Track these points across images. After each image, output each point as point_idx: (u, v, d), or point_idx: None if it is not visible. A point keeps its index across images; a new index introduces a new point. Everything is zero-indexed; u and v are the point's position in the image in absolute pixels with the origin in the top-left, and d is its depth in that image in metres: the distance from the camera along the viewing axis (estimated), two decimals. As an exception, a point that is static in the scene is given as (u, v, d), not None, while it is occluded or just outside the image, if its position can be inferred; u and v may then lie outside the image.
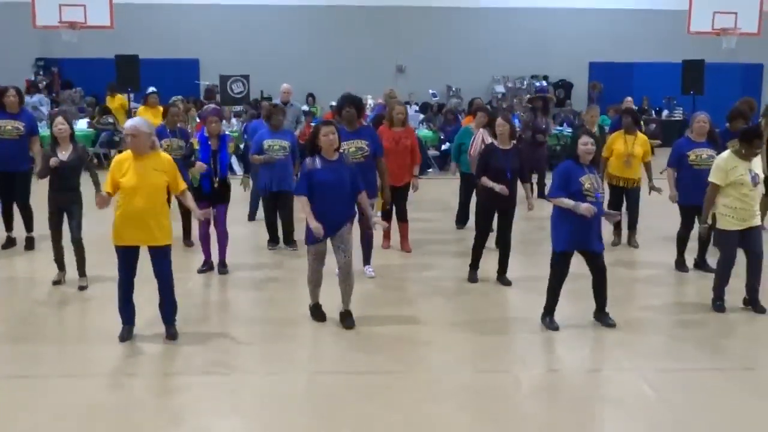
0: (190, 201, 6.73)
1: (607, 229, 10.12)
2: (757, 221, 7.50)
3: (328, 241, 6.99)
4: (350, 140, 8.33)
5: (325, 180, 6.75)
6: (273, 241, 10.08)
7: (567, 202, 6.77)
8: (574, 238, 6.86)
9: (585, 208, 6.69)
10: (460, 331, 7.07)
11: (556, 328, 7.05)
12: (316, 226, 6.71)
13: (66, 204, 8.00)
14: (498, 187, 8.12)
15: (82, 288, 8.16)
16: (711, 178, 7.54)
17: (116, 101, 18.88)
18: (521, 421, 5.41)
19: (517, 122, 16.17)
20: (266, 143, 9.64)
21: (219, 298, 8.35)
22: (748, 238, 7.47)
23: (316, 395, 5.75)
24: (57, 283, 8.29)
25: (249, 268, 9.10)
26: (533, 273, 8.86)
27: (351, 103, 8.48)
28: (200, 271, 8.76)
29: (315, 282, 7.12)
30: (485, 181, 8.23)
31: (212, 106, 9.77)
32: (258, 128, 10.73)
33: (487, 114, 10.60)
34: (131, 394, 5.74)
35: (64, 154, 8.02)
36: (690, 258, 9.09)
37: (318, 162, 6.85)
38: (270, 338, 6.89)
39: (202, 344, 6.67)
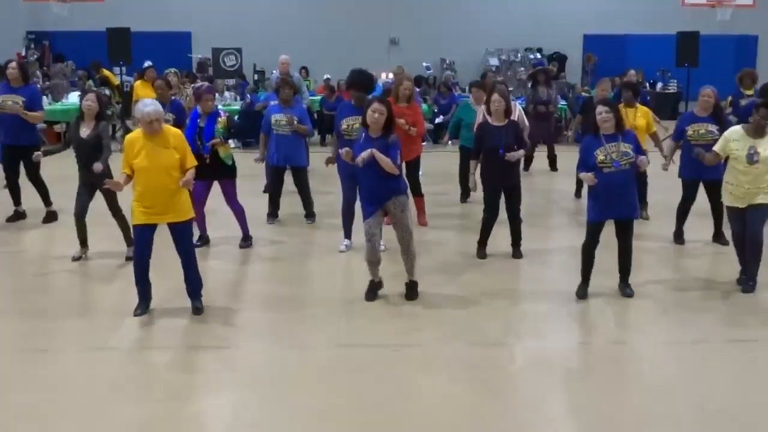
0: (188, 175, 6.66)
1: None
2: (756, 200, 7.24)
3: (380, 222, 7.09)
4: (357, 116, 8.31)
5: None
6: (272, 215, 10.05)
7: (581, 175, 7.02)
8: (602, 208, 6.97)
9: (586, 178, 6.88)
10: (455, 305, 7.09)
11: (582, 297, 7.13)
12: (345, 151, 6.80)
13: (96, 180, 7.91)
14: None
15: (129, 258, 7.98)
16: (714, 146, 7.54)
17: (110, 77, 18.76)
18: (514, 393, 5.44)
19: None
20: (274, 118, 9.61)
21: (214, 273, 8.33)
22: (747, 216, 7.34)
23: (310, 369, 5.77)
24: (77, 259, 8.26)
25: (254, 242, 9.03)
26: (537, 246, 8.86)
27: (358, 84, 8.44)
28: (195, 246, 8.73)
29: (369, 261, 7.02)
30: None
31: (206, 84, 9.66)
32: (271, 100, 10.66)
33: (483, 89, 10.59)
34: (123, 370, 5.75)
35: (85, 130, 8.00)
36: (700, 230, 9.14)
37: (363, 137, 6.86)
38: (264, 313, 6.90)
39: (193, 319, 6.68)
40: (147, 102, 6.52)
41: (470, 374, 5.69)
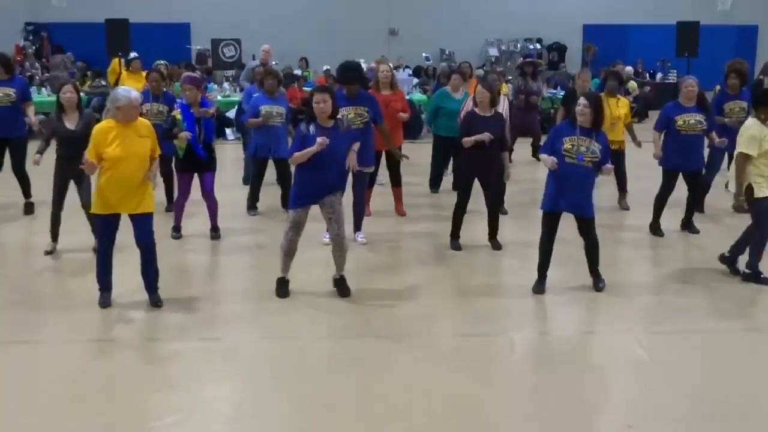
0: (155, 167, 6.68)
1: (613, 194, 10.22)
2: None
3: (316, 213, 6.98)
4: (350, 106, 8.29)
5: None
6: (252, 207, 10.03)
7: (542, 158, 6.95)
8: (554, 198, 6.88)
9: (548, 161, 6.79)
10: (451, 296, 7.10)
11: (538, 292, 7.06)
12: (320, 141, 6.57)
13: (74, 173, 7.86)
14: (479, 137, 8.01)
15: (96, 250, 8.10)
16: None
17: (113, 66, 18.71)
18: (513, 384, 5.45)
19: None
20: (263, 109, 9.59)
21: (209, 264, 8.34)
22: None
23: (309, 360, 5.77)
24: (49, 253, 8.22)
25: (239, 233, 9.08)
26: (523, 237, 8.85)
27: (353, 75, 8.41)
28: (175, 238, 8.73)
29: (287, 251, 6.92)
30: (465, 141, 8.15)
31: (187, 73, 9.64)
32: (252, 92, 10.65)
33: (464, 77, 10.62)
34: (122, 361, 5.76)
35: (71, 122, 7.94)
36: (676, 219, 9.14)
37: (312, 128, 6.79)
38: (261, 304, 6.90)
39: (191, 310, 6.68)
40: (127, 88, 6.53)
41: (469, 365, 5.70)
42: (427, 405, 5.07)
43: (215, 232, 8.84)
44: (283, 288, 7.04)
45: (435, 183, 11.39)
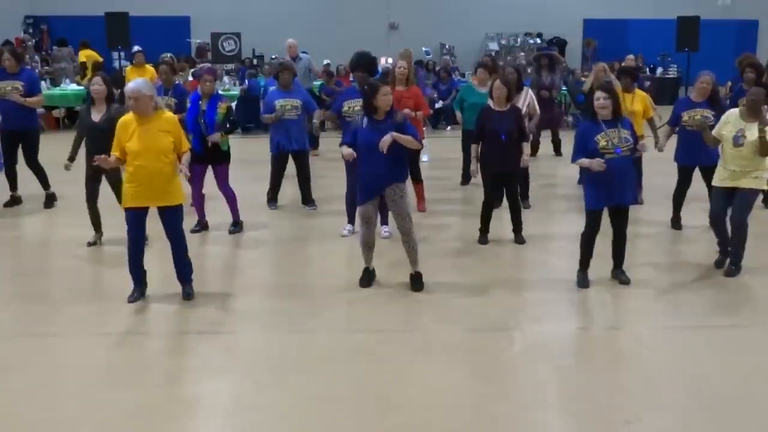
0: (185, 160, 6.67)
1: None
2: (742, 184, 7.29)
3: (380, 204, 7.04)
4: (358, 99, 8.29)
5: (367, 141, 6.70)
6: (273, 200, 10.07)
7: (582, 162, 6.91)
8: (602, 196, 6.91)
9: (595, 164, 6.75)
10: (455, 291, 7.09)
11: (583, 285, 7.09)
12: (348, 153, 6.77)
13: (102, 167, 7.86)
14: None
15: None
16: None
17: (83, 55, 18.66)
18: (513, 379, 5.45)
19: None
20: (278, 103, 9.61)
21: (219, 258, 8.33)
22: (734, 202, 7.38)
23: (310, 353, 5.78)
24: (92, 244, 8.24)
25: (254, 227, 9.07)
26: (544, 231, 8.83)
27: (363, 66, 8.53)
28: (193, 231, 8.74)
29: (364, 244, 7.03)
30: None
31: (207, 65, 9.67)
32: (270, 86, 10.69)
33: (489, 71, 10.61)
34: (138, 354, 5.77)
35: (96, 114, 7.94)
36: (699, 217, 9.11)
37: (365, 122, 6.83)
38: (261, 298, 6.91)
39: (193, 304, 6.68)
40: (136, 80, 6.55)
41: (469, 359, 5.71)
42: (426, 399, 5.07)
43: (234, 226, 8.85)
44: (365, 277, 7.13)
45: (466, 177, 11.33)
